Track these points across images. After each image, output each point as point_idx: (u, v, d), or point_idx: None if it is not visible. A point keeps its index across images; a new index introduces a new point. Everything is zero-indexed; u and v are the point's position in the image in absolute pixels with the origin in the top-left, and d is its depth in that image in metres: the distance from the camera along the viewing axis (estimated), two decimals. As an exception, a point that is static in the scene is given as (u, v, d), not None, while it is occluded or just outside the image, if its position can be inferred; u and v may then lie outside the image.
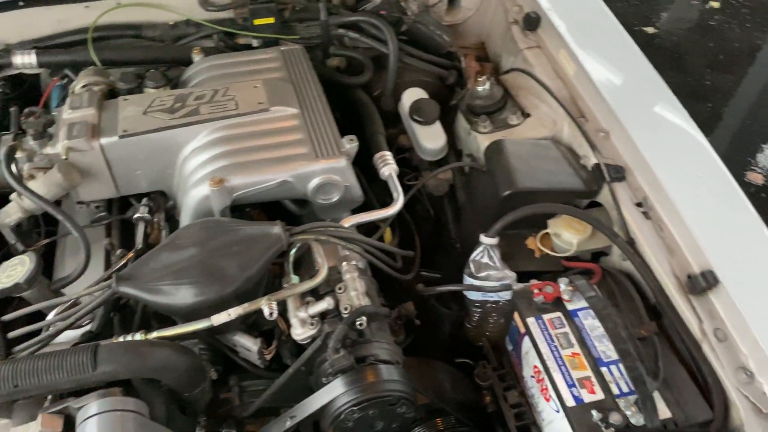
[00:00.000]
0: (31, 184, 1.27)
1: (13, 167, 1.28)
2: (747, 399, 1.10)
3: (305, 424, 1.18)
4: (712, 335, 1.16)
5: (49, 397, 1.07)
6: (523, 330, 1.27)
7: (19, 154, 1.31)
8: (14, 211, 1.31)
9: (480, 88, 1.57)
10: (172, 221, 1.43)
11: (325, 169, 1.31)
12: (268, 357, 1.25)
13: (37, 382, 1.00)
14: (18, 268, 1.18)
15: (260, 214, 1.44)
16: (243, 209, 1.40)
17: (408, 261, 1.51)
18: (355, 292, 1.18)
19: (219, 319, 1.13)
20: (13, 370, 1.00)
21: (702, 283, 1.18)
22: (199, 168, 1.31)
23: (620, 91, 1.51)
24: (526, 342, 1.26)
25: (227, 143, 1.34)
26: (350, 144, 1.35)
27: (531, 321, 1.26)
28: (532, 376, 1.26)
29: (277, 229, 1.20)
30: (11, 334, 1.16)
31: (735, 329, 1.14)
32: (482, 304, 1.41)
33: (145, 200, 1.40)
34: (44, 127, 1.33)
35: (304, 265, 1.29)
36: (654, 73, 1.57)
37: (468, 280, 1.38)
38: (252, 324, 1.27)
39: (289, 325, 1.22)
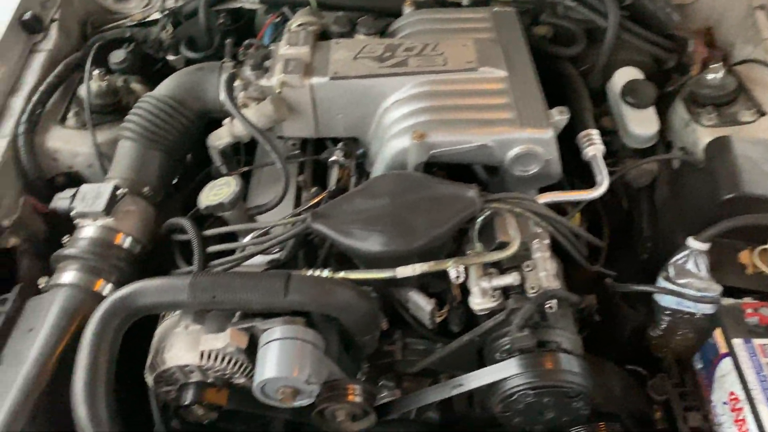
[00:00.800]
0: (244, 112, 1.33)
1: (231, 94, 1.35)
2: None
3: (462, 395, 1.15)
4: None
5: (238, 313, 1.14)
6: (723, 350, 1.13)
7: (236, 83, 1.37)
8: (224, 135, 1.38)
9: (711, 76, 1.40)
10: (359, 169, 1.44)
11: (528, 139, 1.24)
12: (439, 319, 1.23)
13: (232, 298, 1.06)
14: (224, 189, 1.25)
15: (444, 177, 1.41)
16: (431, 169, 1.38)
17: (591, 252, 1.41)
18: (544, 273, 1.11)
19: (403, 272, 1.12)
20: (213, 283, 1.07)
21: None
22: (400, 120, 1.30)
23: None
24: (726, 364, 1.13)
25: (432, 98, 1.31)
26: (560, 116, 1.26)
27: (737, 342, 1.11)
28: (726, 403, 1.12)
29: (472, 192, 1.16)
30: (208, 249, 1.24)
31: None
32: (674, 313, 1.27)
33: (341, 144, 1.42)
34: (262, 59, 1.38)
35: (484, 235, 1.24)
36: None
37: (663, 284, 1.25)
38: (422, 284, 1.26)
39: (463, 293, 1.19)
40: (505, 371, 1.05)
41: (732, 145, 1.30)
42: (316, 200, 1.30)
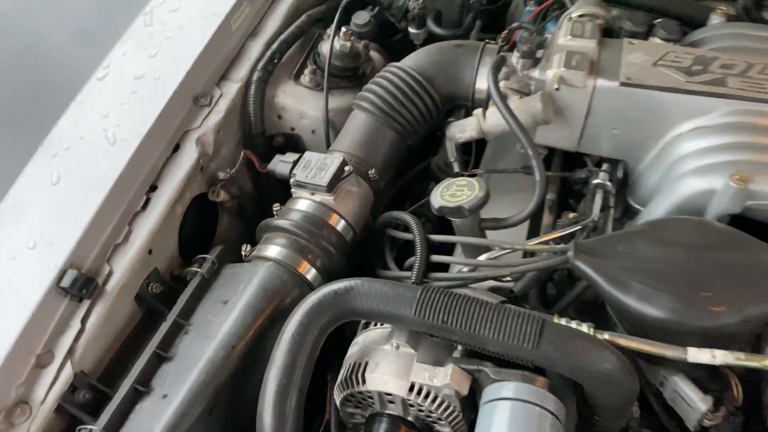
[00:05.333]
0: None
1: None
2: None
3: None
4: None
5: (459, 347, 0.92)
6: None
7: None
8: (470, 128, 1.17)
9: None
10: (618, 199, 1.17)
11: None
12: (708, 424, 0.93)
13: (465, 330, 0.83)
14: (465, 191, 1.03)
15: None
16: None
17: None
18: None
19: (697, 356, 0.83)
20: (447, 304, 0.85)
21: None
22: (708, 153, 1.00)
23: None
24: None
25: (756, 134, 1.00)
26: None
27: None
28: None
29: (816, 271, 0.84)
30: (432, 258, 1.03)
31: None
32: None
33: (606, 166, 1.15)
34: (536, 47, 1.15)
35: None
36: None
37: None
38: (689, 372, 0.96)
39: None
40: None
41: None
42: (572, 230, 1.05)
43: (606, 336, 0.87)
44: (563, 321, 0.89)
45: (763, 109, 1.03)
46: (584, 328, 0.88)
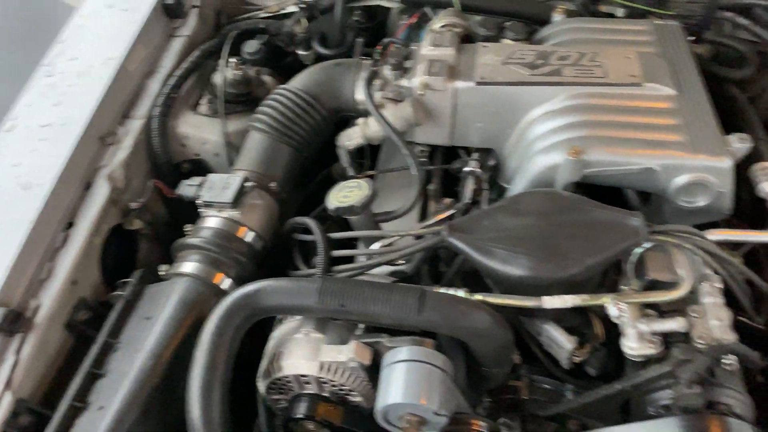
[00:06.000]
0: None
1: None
2: None
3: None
4: None
5: (361, 326, 1.06)
6: None
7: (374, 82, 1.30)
8: (356, 136, 1.31)
9: None
10: (492, 182, 1.33)
11: (703, 167, 1.09)
12: (577, 360, 1.10)
13: (361, 309, 0.98)
14: (355, 191, 1.18)
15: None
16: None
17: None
18: (717, 323, 0.96)
19: (551, 302, 1.00)
20: (343, 290, 0.99)
21: None
22: (551, 134, 1.18)
23: None
24: None
25: (589, 112, 1.18)
26: (740, 144, 1.10)
27: None
28: None
29: (636, 221, 1.03)
30: (332, 253, 1.17)
31: None
32: None
33: (476, 155, 1.32)
34: (403, 59, 1.30)
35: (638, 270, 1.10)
36: None
37: None
38: (558, 318, 1.13)
39: (609, 333, 1.06)
40: (662, 430, 0.91)
41: None
42: (449, 213, 1.20)
43: (479, 297, 1.03)
44: (443, 290, 1.05)
45: (593, 91, 1.22)
46: (461, 293, 1.04)
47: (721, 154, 1.09)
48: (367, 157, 1.47)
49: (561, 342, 1.09)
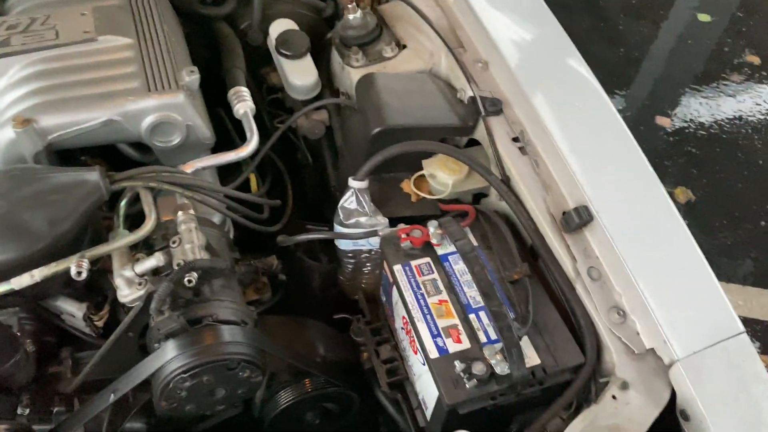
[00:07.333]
0: None
1: None
2: (619, 340, 1.03)
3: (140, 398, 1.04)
4: (586, 274, 1.08)
5: None
6: (391, 279, 1.16)
7: None
8: None
9: (351, 17, 1.42)
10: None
11: (158, 106, 1.13)
12: (99, 323, 1.10)
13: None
14: None
15: (101, 164, 1.26)
16: (76, 157, 1.22)
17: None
18: (189, 245, 1.03)
19: (21, 281, 0.96)
20: None
21: (576, 220, 1.09)
22: (8, 108, 1.11)
23: (502, 20, 1.39)
24: (395, 291, 1.15)
25: (42, 78, 1.14)
26: (190, 77, 1.17)
27: (398, 268, 1.14)
28: (402, 328, 1.15)
29: (94, 175, 1.03)
30: None
31: (609, 266, 1.06)
32: (355, 254, 1.28)
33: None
34: None
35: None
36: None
37: (337, 229, 1.25)
38: (78, 288, 1.11)
39: (120, 287, 1.08)
40: (154, 362, 0.96)
41: (375, 81, 1.33)
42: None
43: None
44: None
45: (46, 55, 1.17)
46: None
47: (174, 90, 1.15)
48: None
49: (72, 311, 1.07)
